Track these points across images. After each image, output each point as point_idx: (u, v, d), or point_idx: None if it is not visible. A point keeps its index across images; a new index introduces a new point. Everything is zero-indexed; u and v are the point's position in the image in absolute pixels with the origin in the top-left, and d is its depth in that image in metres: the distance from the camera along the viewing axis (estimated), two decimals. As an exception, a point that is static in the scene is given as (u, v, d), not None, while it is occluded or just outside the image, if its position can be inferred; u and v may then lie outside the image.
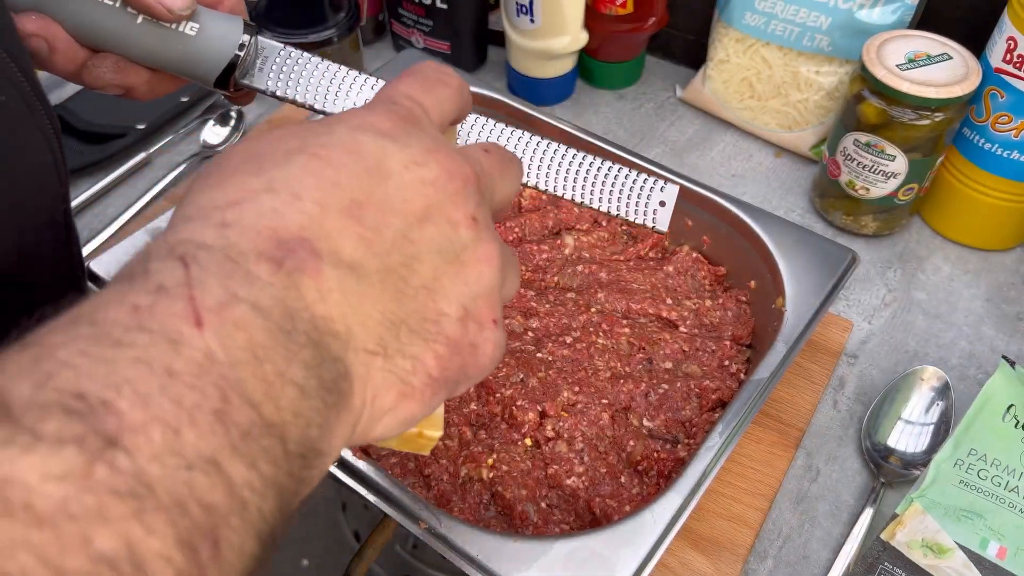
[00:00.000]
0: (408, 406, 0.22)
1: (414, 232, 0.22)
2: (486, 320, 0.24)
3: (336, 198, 0.21)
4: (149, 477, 0.15)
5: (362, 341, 0.20)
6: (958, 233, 0.62)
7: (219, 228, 0.20)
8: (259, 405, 0.17)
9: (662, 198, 0.34)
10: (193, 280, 0.18)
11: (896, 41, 0.56)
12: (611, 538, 0.37)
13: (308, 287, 0.19)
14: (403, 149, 0.23)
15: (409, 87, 0.26)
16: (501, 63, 0.75)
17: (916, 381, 0.51)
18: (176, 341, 0.17)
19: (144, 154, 0.66)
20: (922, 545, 0.43)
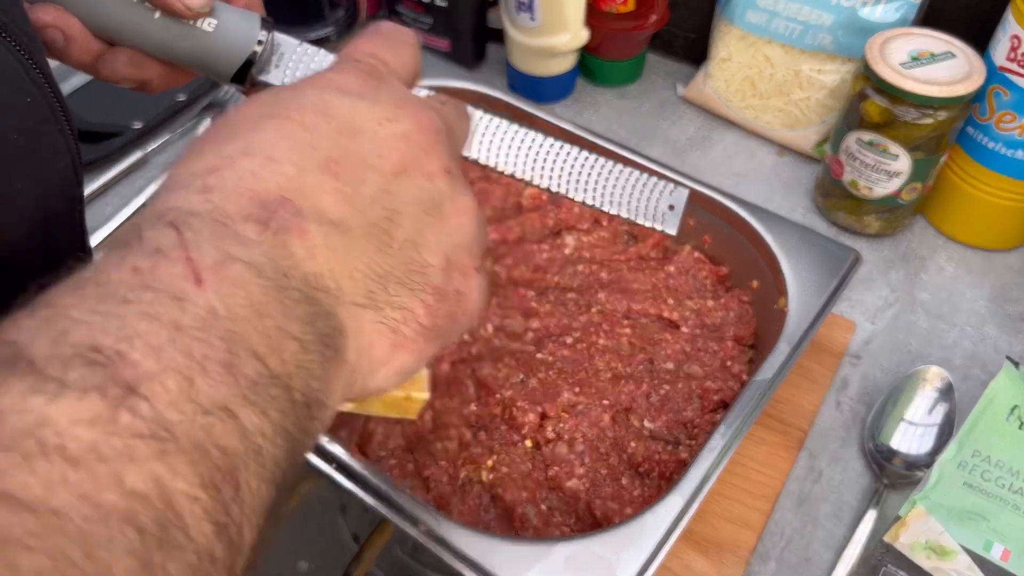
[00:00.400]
0: (402, 356, 0.22)
1: (392, 185, 0.22)
2: (468, 268, 0.24)
3: (312, 158, 0.21)
4: (168, 422, 0.16)
5: (351, 295, 0.21)
6: (962, 233, 0.62)
7: (203, 193, 0.20)
8: (264, 357, 0.18)
9: (671, 202, 0.34)
10: (188, 243, 0.18)
11: (899, 39, 0.55)
12: (612, 540, 0.36)
13: (295, 245, 0.20)
14: (373, 105, 0.23)
15: (371, 45, 0.26)
16: (501, 61, 0.75)
17: (919, 382, 0.51)
18: (180, 298, 0.17)
19: (141, 153, 0.66)
20: (925, 547, 0.43)
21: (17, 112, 0.25)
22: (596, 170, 0.34)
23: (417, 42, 0.28)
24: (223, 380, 0.17)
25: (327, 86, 0.23)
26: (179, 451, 0.15)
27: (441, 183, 0.24)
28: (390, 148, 0.23)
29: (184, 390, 0.16)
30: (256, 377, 0.18)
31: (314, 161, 0.21)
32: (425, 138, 0.24)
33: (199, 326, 0.17)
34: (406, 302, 0.22)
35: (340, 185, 0.21)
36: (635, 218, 0.34)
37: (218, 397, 0.17)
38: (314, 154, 0.21)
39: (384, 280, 0.22)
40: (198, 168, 0.21)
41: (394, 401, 0.26)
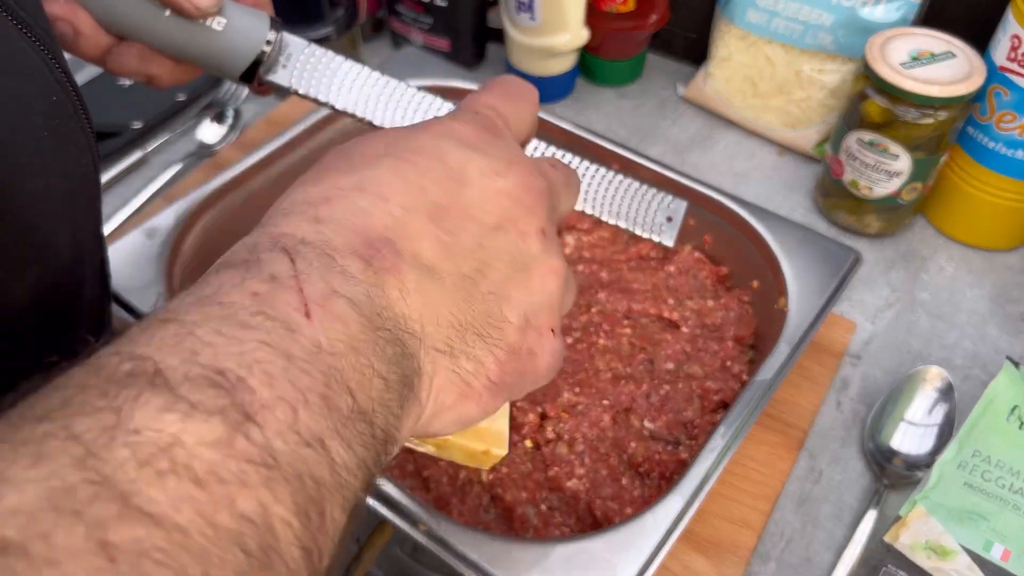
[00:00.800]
0: (467, 406, 0.23)
1: (488, 239, 0.23)
2: (545, 329, 0.25)
3: (420, 201, 0.22)
4: (275, 450, 0.17)
5: (433, 340, 0.22)
6: (962, 233, 0.61)
7: (314, 224, 0.21)
8: (355, 393, 0.19)
9: (669, 213, 0.34)
10: (300, 273, 0.20)
11: (899, 39, 0.55)
12: (612, 541, 0.36)
13: (391, 286, 0.21)
14: (484, 158, 0.24)
15: (492, 98, 0.27)
16: (501, 61, 0.75)
17: (919, 382, 0.51)
18: (292, 329, 0.18)
19: (140, 153, 0.66)
20: (926, 547, 0.42)
21: (45, 110, 0.26)
22: (596, 179, 0.34)
23: (537, 100, 0.29)
24: (321, 412, 0.18)
25: (445, 133, 0.24)
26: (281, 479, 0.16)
27: (534, 243, 0.24)
28: (493, 203, 0.23)
29: (289, 420, 0.17)
30: (348, 412, 0.19)
31: (421, 205, 0.22)
32: (528, 198, 0.24)
33: (306, 358, 0.18)
34: (480, 355, 0.23)
35: (440, 233, 0.22)
36: (632, 228, 0.34)
37: (316, 429, 0.18)
38: (422, 198, 0.22)
39: (464, 330, 0.22)
40: (313, 197, 0.22)
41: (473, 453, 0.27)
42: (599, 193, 0.34)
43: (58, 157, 0.26)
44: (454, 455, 0.27)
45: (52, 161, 0.26)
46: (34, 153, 0.25)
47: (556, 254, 0.25)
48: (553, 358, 0.25)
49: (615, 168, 0.35)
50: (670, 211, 0.34)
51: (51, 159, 0.26)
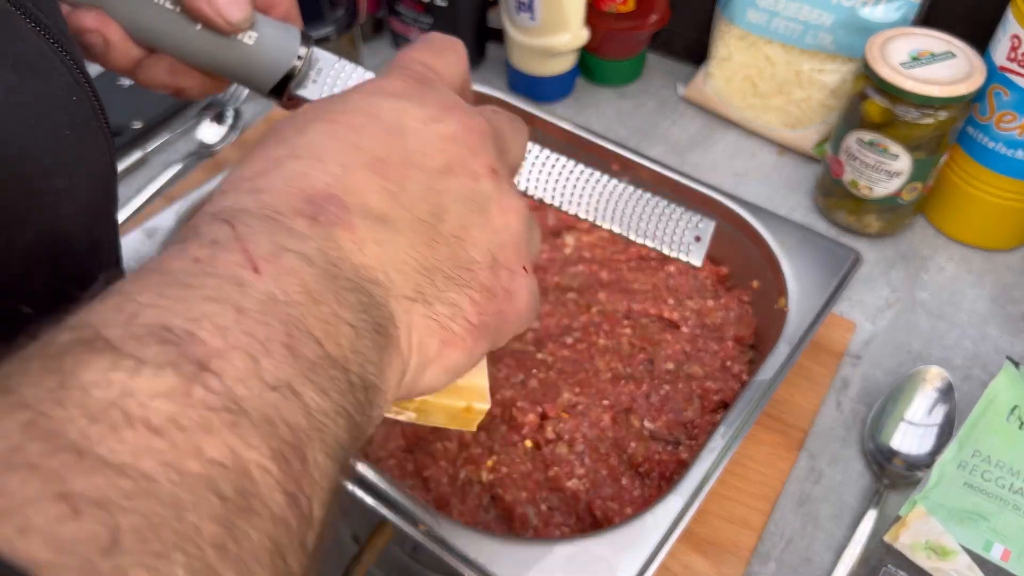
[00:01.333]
0: (452, 353, 0.23)
1: (437, 184, 0.23)
2: (516, 266, 0.24)
3: (358, 157, 0.22)
4: (238, 396, 0.16)
5: (401, 288, 0.21)
6: (962, 233, 0.61)
7: (253, 194, 0.21)
8: (321, 341, 0.18)
9: (698, 232, 0.34)
10: (242, 236, 0.19)
11: (899, 39, 0.55)
12: (612, 541, 0.36)
13: (344, 238, 0.20)
14: (420, 107, 0.24)
15: (419, 53, 0.27)
16: (501, 61, 0.75)
17: (919, 382, 0.51)
18: (240, 283, 0.18)
19: (140, 153, 0.66)
20: (926, 547, 0.42)
21: (67, 110, 0.26)
22: (624, 197, 0.33)
23: (463, 50, 0.28)
24: (285, 360, 0.17)
25: (373, 89, 0.24)
26: (249, 424, 0.16)
27: (487, 183, 0.24)
28: (435, 148, 0.23)
29: (250, 368, 0.17)
30: (315, 359, 0.18)
31: (360, 160, 0.22)
32: (471, 139, 0.24)
33: (260, 309, 0.18)
34: (454, 298, 0.23)
35: (385, 183, 0.22)
36: (660, 247, 0.34)
37: (282, 375, 0.17)
38: (360, 154, 0.22)
39: (431, 274, 0.22)
40: (248, 172, 0.22)
41: (455, 412, 0.26)
42: (626, 211, 0.33)
43: (80, 157, 0.26)
44: (436, 418, 0.26)
45: (75, 161, 0.26)
46: (59, 153, 0.25)
47: (512, 193, 0.25)
48: (530, 295, 0.25)
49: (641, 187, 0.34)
50: (698, 230, 0.34)
51: (74, 159, 0.26)
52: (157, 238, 0.48)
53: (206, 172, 0.63)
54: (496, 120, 0.26)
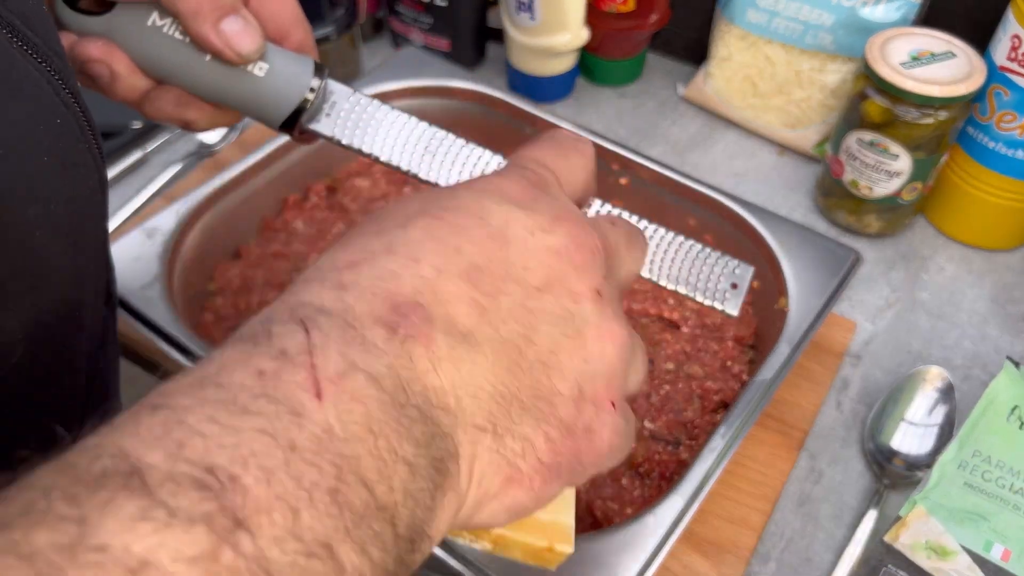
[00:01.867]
0: (515, 493, 0.20)
1: (533, 302, 0.21)
2: (603, 402, 0.22)
3: (454, 262, 0.20)
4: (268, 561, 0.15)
5: (472, 415, 0.19)
6: (962, 233, 0.61)
7: (337, 290, 0.19)
8: (372, 485, 0.17)
9: (734, 280, 0.32)
10: (314, 347, 0.18)
11: (899, 39, 0.55)
12: (613, 541, 0.36)
13: (419, 356, 0.19)
14: (529, 215, 0.22)
15: (541, 153, 0.25)
16: (501, 61, 0.75)
17: (920, 382, 0.51)
18: (299, 413, 0.17)
19: (140, 153, 0.66)
20: (926, 547, 0.42)
21: (48, 133, 0.25)
22: (655, 241, 0.32)
23: (593, 154, 0.26)
24: (328, 512, 0.16)
25: (485, 189, 0.23)
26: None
27: (587, 306, 0.22)
28: (538, 262, 0.21)
29: (288, 524, 0.15)
30: (362, 509, 0.17)
31: (456, 266, 0.20)
32: (579, 255, 0.22)
33: (312, 447, 0.16)
34: (528, 432, 0.20)
35: (478, 295, 0.20)
36: (694, 295, 0.32)
37: (320, 532, 0.16)
38: (458, 258, 0.20)
39: (508, 403, 0.20)
40: (339, 262, 0.20)
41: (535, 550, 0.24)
42: (658, 256, 0.32)
43: (61, 181, 0.25)
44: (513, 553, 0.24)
45: (55, 185, 0.25)
46: (34, 179, 0.24)
47: (615, 319, 0.22)
48: (616, 436, 0.22)
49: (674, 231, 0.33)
50: (735, 277, 0.32)
51: (54, 183, 0.25)
52: (157, 238, 0.48)
53: (206, 172, 0.63)
54: (612, 234, 0.24)
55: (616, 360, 0.22)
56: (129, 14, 0.30)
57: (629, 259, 0.25)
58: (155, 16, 0.30)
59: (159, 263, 0.47)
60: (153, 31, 0.30)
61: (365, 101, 0.33)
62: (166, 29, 0.30)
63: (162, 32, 0.30)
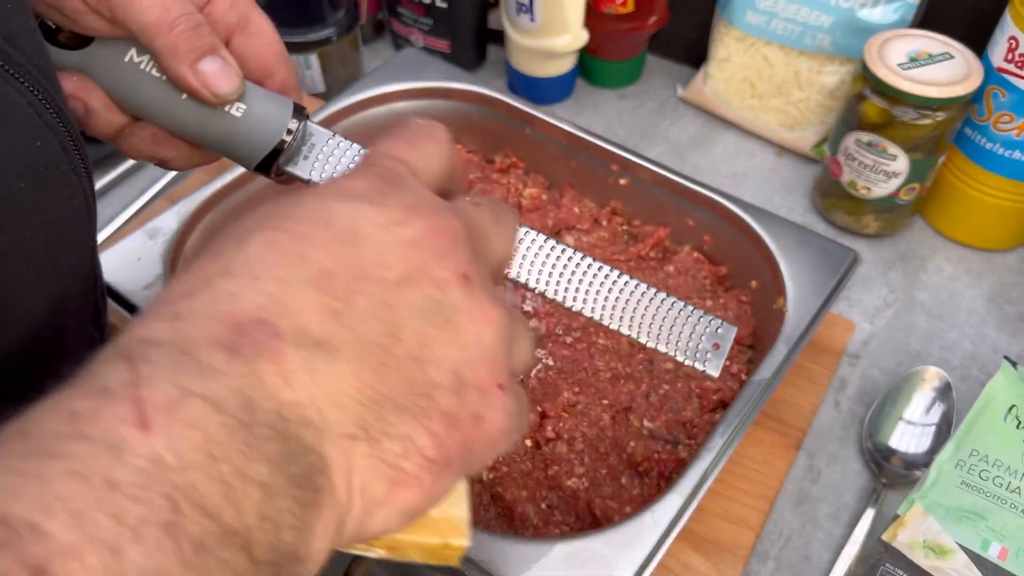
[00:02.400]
0: (404, 495, 0.19)
1: (394, 297, 0.20)
2: (489, 386, 0.21)
3: (300, 272, 0.19)
4: None
5: (339, 425, 0.18)
6: (960, 233, 0.62)
7: (170, 321, 0.18)
8: (217, 512, 0.16)
9: (716, 340, 0.31)
10: (141, 379, 0.16)
11: (897, 40, 0.56)
12: (611, 539, 0.36)
13: (269, 372, 0.18)
14: (380, 209, 0.21)
15: (390, 146, 0.24)
16: (501, 62, 0.75)
17: (918, 382, 0.51)
18: (118, 447, 0.15)
19: (143, 153, 0.66)
20: (923, 546, 0.43)
21: (25, 158, 0.24)
22: (635, 297, 0.31)
23: (446, 138, 0.25)
24: (160, 546, 0.15)
25: (330, 191, 0.21)
26: None
27: (455, 292, 0.21)
28: (394, 256, 0.20)
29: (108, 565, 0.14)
30: (202, 537, 0.15)
31: (303, 275, 0.19)
32: (438, 242, 0.21)
33: (137, 481, 0.15)
34: (407, 431, 0.19)
35: (330, 300, 0.19)
36: (674, 354, 0.31)
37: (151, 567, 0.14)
38: (303, 267, 0.19)
39: (380, 405, 0.19)
40: (174, 292, 0.19)
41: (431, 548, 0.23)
42: (637, 312, 0.31)
43: (37, 206, 0.24)
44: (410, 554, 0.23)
45: (29, 211, 0.24)
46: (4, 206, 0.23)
47: (488, 301, 0.21)
48: (507, 417, 0.21)
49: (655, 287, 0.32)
50: (717, 337, 0.31)
51: (28, 210, 0.24)
52: (159, 239, 0.48)
53: (207, 173, 0.63)
54: (476, 215, 0.23)
55: (494, 341, 0.21)
56: (107, 50, 0.30)
57: (497, 237, 0.24)
58: (132, 52, 0.30)
59: (161, 263, 0.47)
60: (130, 68, 0.30)
61: (345, 144, 0.32)
62: (143, 66, 0.30)
63: (139, 69, 0.30)
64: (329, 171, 0.32)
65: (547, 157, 0.58)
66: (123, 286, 0.45)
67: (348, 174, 0.23)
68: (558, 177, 0.59)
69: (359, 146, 0.32)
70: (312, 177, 0.32)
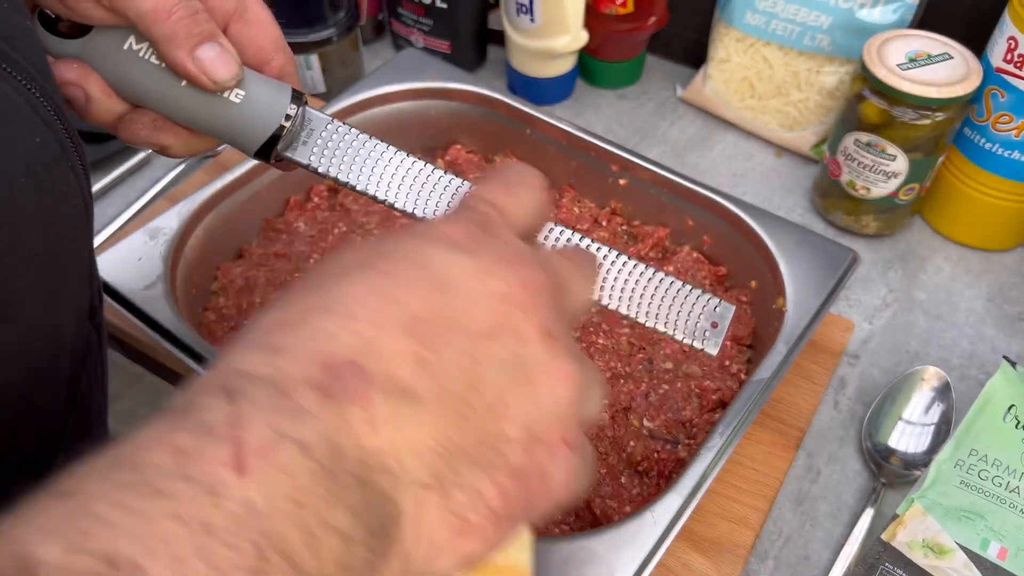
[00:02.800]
0: (466, 544, 0.20)
1: (479, 349, 0.20)
2: (556, 442, 0.21)
3: (394, 315, 0.20)
4: None
5: (415, 474, 0.19)
6: (959, 233, 0.62)
7: (269, 354, 0.19)
8: (300, 561, 0.16)
9: (715, 319, 0.32)
10: (240, 419, 0.17)
11: (897, 40, 0.56)
12: (611, 539, 0.36)
13: (357, 418, 0.18)
14: (473, 259, 0.21)
15: (488, 191, 0.25)
16: (501, 62, 0.75)
17: (917, 381, 0.51)
18: (217, 492, 0.16)
19: (143, 154, 0.66)
20: (923, 546, 0.43)
21: (25, 155, 0.24)
22: (633, 277, 0.31)
23: (541, 185, 0.26)
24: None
25: (429, 235, 0.22)
26: None
27: (536, 347, 0.21)
28: (482, 308, 0.21)
29: None
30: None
31: (396, 319, 0.20)
32: (525, 296, 0.21)
33: (231, 527, 0.16)
34: (476, 482, 0.20)
35: (419, 348, 0.20)
36: (672, 333, 0.32)
37: None
38: (398, 311, 0.20)
39: (454, 457, 0.19)
40: (273, 323, 0.20)
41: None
42: (636, 292, 0.31)
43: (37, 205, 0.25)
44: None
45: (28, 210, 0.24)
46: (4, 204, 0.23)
47: (566, 356, 0.22)
48: (569, 474, 0.22)
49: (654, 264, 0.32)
50: (716, 316, 0.31)
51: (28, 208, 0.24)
52: (160, 238, 0.48)
53: (208, 173, 0.63)
54: (561, 268, 0.24)
55: (568, 399, 0.22)
56: (106, 38, 0.30)
57: (578, 289, 0.25)
58: (132, 40, 0.30)
59: (162, 263, 0.47)
60: (129, 55, 0.30)
61: (343, 130, 0.33)
62: (142, 53, 0.30)
63: (138, 56, 0.30)
64: (328, 158, 0.33)
65: (547, 157, 0.58)
66: (124, 286, 0.45)
67: (445, 218, 0.23)
68: (558, 177, 0.59)
69: (357, 131, 0.33)
70: (311, 163, 0.33)
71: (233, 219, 0.53)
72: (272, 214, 0.57)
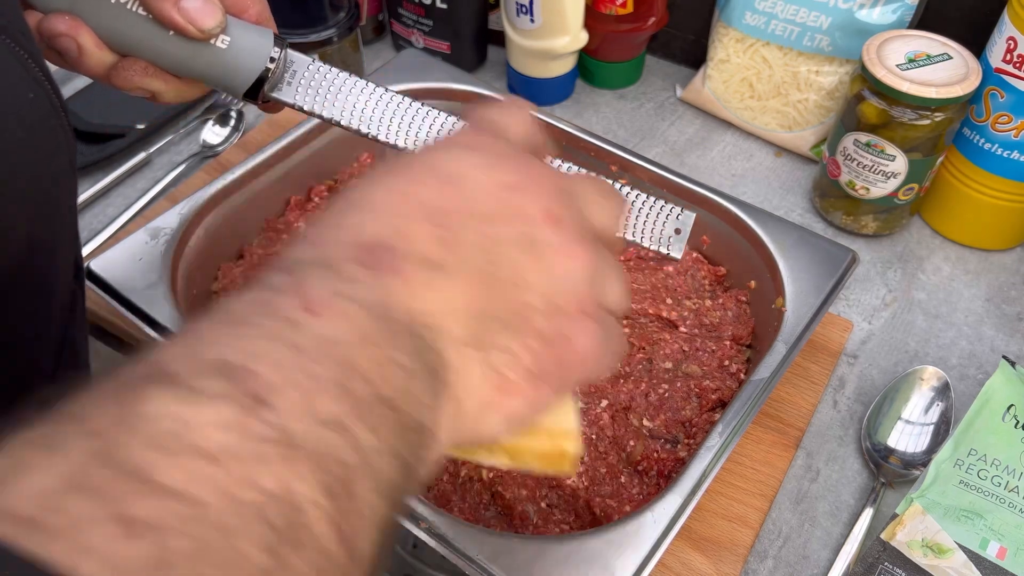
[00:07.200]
0: (509, 401, 0.23)
1: (493, 230, 0.23)
2: (574, 312, 0.24)
3: (414, 207, 0.22)
4: (291, 431, 0.17)
5: (455, 333, 0.22)
6: (958, 233, 0.62)
7: (312, 247, 0.22)
8: (373, 381, 0.19)
9: (678, 225, 0.34)
10: (302, 283, 0.20)
11: (896, 41, 0.56)
12: (611, 538, 0.37)
13: (397, 285, 0.21)
14: (479, 155, 0.24)
15: (485, 111, 0.27)
16: (501, 63, 0.75)
17: (916, 381, 0.51)
18: (296, 324, 0.19)
19: (144, 154, 0.66)
20: (922, 545, 0.43)
21: (20, 109, 0.26)
22: None
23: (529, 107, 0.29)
24: (338, 398, 0.18)
25: (440, 144, 0.25)
26: (302, 458, 0.17)
27: (543, 228, 0.23)
28: (493, 196, 0.23)
29: (304, 403, 0.17)
30: (366, 397, 0.19)
31: (415, 209, 0.22)
32: (530, 185, 0.24)
33: (315, 348, 0.18)
34: (509, 344, 0.22)
35: (440, 231, 0.22)
36: (640, 241, 0.34)
37: (334, 412, 0.18)
38: (415, 203, 0.23)
39: (487, 321, 0.22)
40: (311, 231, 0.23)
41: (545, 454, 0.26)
42: None
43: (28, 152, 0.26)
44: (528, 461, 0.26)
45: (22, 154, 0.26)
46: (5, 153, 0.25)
47: (577, 241, 0.24)
48: (593, 341, 0.24)
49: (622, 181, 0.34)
50: (679, 223, 0.34)
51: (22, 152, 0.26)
52: (161, 238, 0.48)
53: (209, 173, 0.64)
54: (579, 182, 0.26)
55: (580, 276, 0.24)
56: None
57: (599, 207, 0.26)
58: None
59: (163, 263, 0.47)
60: (117, 8, 0.32)
61: (324, 69, 0.35)
62: (130, 6, 0.32)
63: (126, 9, 0.32)
64: (312, 96, 0.35)
65: (547, 157, 0.58)
66: (124, 286, 0.45)
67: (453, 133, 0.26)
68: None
69: (337, 70, 0.35)
70: (297, 102, 0.35)
71: (234, 219, 0.53)
72: (273, 214, 0.57)
